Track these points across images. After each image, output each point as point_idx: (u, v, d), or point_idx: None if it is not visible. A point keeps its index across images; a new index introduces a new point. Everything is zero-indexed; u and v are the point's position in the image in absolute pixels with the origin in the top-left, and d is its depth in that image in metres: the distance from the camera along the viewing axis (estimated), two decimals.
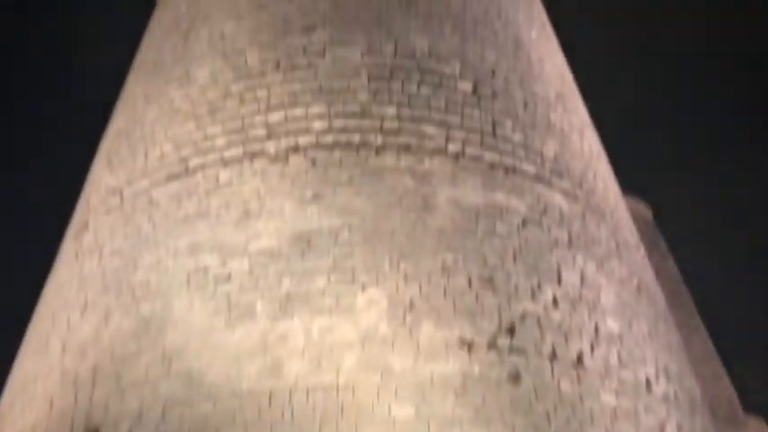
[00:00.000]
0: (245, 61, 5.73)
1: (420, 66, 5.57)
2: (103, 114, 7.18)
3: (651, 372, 4.73)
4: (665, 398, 4.70)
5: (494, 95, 5.61)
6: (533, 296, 4.48)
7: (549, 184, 5.28)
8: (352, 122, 5.14)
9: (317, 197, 4.73)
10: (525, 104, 5.74)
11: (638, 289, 5.31)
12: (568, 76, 7.02)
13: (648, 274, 5.80)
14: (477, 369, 4.04)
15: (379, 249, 4.45)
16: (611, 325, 4.70)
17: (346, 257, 4.41)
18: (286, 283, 4.33)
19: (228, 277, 4.45)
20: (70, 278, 5.28)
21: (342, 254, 4.42)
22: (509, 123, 5.48)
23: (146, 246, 4.90)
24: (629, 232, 5.95)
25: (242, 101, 5.44)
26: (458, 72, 5.64)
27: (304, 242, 4.50)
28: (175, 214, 4.96)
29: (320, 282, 4.31)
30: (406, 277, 4.33)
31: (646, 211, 14.34)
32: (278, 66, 5.60)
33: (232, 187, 4.94)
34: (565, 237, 5.00)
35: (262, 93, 5.44)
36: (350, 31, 5.75)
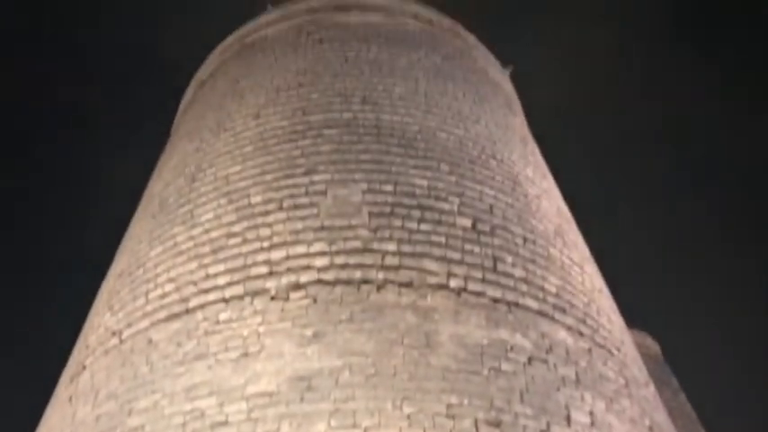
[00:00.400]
0: (249, 202, 5.86)
1: (419, 203, 5.69)
2: (106, 256, 7.25)
3: None
4: None
5: (493, 231, 5.68)
6: None
7: (552, 319, 5.21)
8: (353, 259, 5.16)
9: (317, 336, 4.66)
10: (524, 240, 5.80)
11: (651, 429, 5.09)
12: (566, 212, 7.14)
13: (660, 412, 5.59)
14: None
15: (382, 391, 4.32)
16: None
17: (347, 400, 4.27)
18: (285, 427, 4.16)
19: (225, 422, 4.29)
20: (62, 424, 5.09)
21: (343, 396, 4.29)
22: (509, 259, 5.50)
23: (142, 388, 4.77)
24: (638, 368, 5.80)
25: (244, 240, 5.50)
26: (456, 209, 5.74)
27: (304, 384, 4.38)
28: (174, 355, 4.87)
29: (320, 426, 4.14)
30: (409, 421, 4.17)
31: (653, 345, 14.00)
32: (281, 205, 5.72)
33: (232, 327, 4.88)
34: (572, 374, 4.86)
35: (264, 231, 5.51)
36: (351, 172, 5.92)
